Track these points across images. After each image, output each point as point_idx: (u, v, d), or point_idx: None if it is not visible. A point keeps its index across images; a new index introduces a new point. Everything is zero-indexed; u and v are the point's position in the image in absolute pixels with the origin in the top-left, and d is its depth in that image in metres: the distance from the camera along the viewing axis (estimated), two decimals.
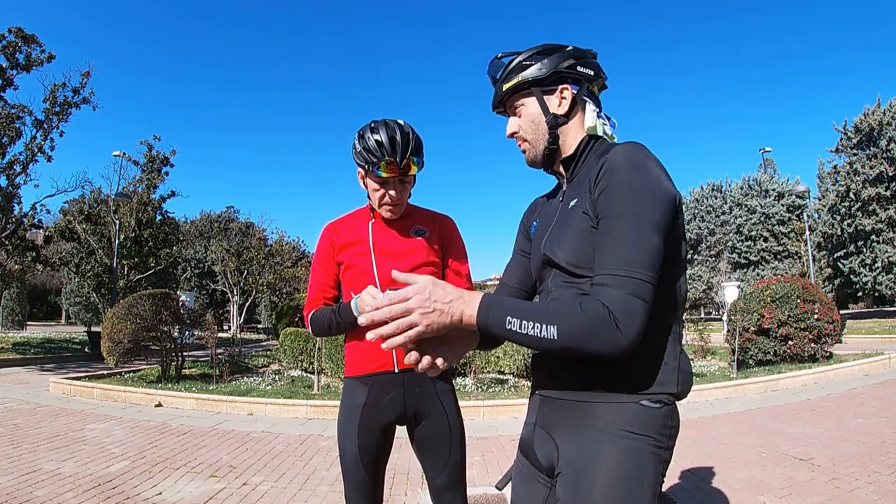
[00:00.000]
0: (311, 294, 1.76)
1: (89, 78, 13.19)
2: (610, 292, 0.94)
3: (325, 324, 1.67)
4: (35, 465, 4.06)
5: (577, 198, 1.11)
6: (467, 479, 1.78)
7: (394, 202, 1.66)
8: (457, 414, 1.73)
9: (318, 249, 1.79)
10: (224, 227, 35.57)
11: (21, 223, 13.34)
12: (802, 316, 8.14)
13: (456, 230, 1.86)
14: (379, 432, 1.64)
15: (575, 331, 0.93)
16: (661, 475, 1.03)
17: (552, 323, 0.93)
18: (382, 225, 1.74)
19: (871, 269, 21.54)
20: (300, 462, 4.26)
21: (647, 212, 0.98)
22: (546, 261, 1.15)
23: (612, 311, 0.92)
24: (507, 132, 1.24)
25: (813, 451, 4.12)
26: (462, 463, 1.72)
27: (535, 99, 1.17)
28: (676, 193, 1.04)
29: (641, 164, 1.02)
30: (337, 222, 1.80)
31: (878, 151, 21.15)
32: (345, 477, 1.68)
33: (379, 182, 1.63)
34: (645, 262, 0.95)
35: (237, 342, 14.42)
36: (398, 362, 1.64)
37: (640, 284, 0.94)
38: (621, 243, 0.97)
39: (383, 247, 1.70)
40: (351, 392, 1.68)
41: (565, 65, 1.15)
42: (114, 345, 7.96)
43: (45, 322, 38.89)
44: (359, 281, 1.67)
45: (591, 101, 1.19)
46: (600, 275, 0.97)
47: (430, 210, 1.86)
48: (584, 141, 1.17)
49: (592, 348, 0.92)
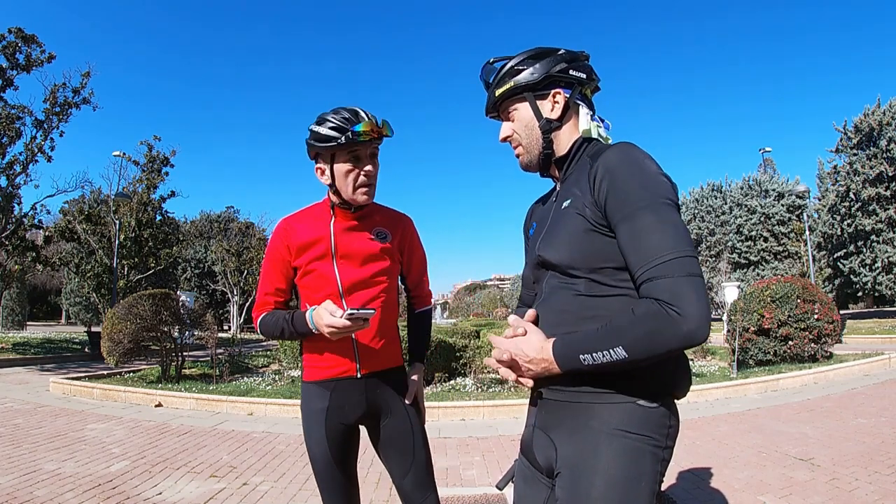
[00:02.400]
0: (261, 297, 1.67)
1: (89, 78, 13.18)
2: (654, 285, 0.93)
3: (276, 331, 1.60)
4: (35, 465, 4.06)
5: (571, 198, 1.11)
6: (467, 479, 1.78)
7: (370, 179, 1.57)
8: (417, 414, 1.70)
9: (271, 248, 1.67)
10: (224, 227, 35.53)
11: (21, 223, 13.33)
12: (802, 316, 8.14)
13: (416, 232, 1.80)
14: (346, 431, 1.62)
15: (637, 340, 0.92)
16: (660, 474, 1.03)
17: (616, 344, 0.94)
18: (344, 225, 1.63)
19: (871, 269, 21.53)
20: (300, 462, 4.26)
21: (658, 198, 0.98)
22: (540, 262, 1.16)
23: (661, 301, 0.91)
24: (500, 137, 1.24)
25: (813, 451, 4.12)
26: (428, 463, 1.67)
27: (528, 104, 1.18)
28: (675, 186, 1.05)
29: (639, 162, 1.03)
30: (292, 219, 1.67)
31: (878, 151, 21.14)
32: (320, 482, 1.63)
33: (352, 159, 1.53)
34: (678, 240, 0.95)
35: (237, 342, 14.42)
36: (361, 368, 1.60)
37: (680, 262, 0.93)
38: (646, 235, 0.97)
39: (345, 251, 1.61)
40: (311, 397, 1.62)
41: (557, 69, 1.15)
42: (114, 345, 7.96)
43: (45, 322, 38.88)
44: (319, 287, 1.60)
45: (584, 104, 1.19)
46: (640, 274, 0.97)
47: (389, 208, 1.78)
48: (578, 142, 1.18)
49: (662, 346, 0.91)
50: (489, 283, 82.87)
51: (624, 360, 0.93)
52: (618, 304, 1.02)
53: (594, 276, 1.05)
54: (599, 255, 1.04)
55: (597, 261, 1.04)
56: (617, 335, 0.94)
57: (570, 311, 1.07)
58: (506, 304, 49.70)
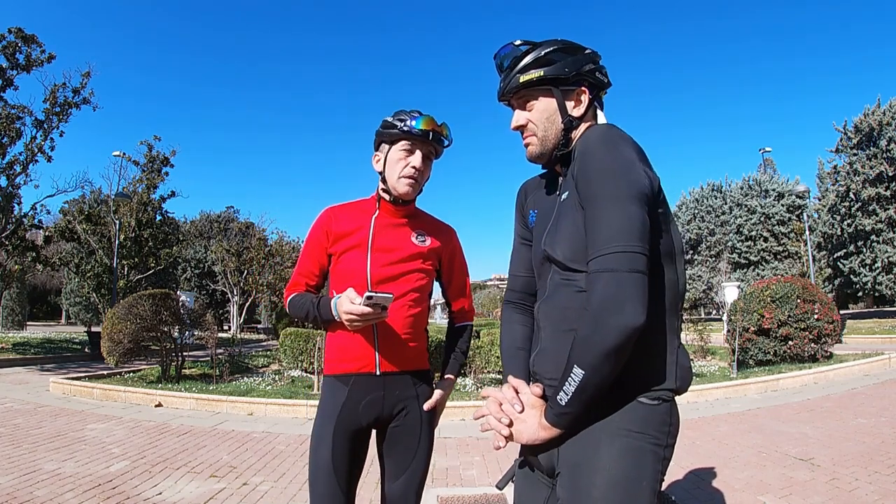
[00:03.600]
0: (295, 276, 1.69)
1: (89, 78, 13.17)
2: (600, 279, 0.93)
3: (303, 312, 1.62)
4: (35, 465, 4.06)
5: (569, 190, 1.10)
6: (467, 479, 1.77)
7: (415, 175, 1.58)
8: (430, 424, 1.67)
9: (312, 234, 1.69)
10: (224, 227, 35.54)
11: (21, 223, 13.32)
12: (802, 316, 8.14)
13: (459, 244, 1.81)
14: (355, 436, 1.58)
15: (585, 353, 0.93)
16: (661, 473, 1.02)
17: (571, 365, 0.94)
18: (386, 221, 1.65)
19: (871, 269, 21.53)
20: (300, 462, 4.26)
21: (622, 188, 0.96)
22: (546, 257, 1.14)
23: (600, 301, 0.91)
24: (513, 125, 1.19)
25: (813, 451, 4.12)
26: (422, 476, 1.65)
27: (554, 98, 1.14)
28: (653, 176, 1.02)
29: (612, 144, 1.01)
30: (337, 208, 1.69)
31: (878, 151, 21.14)
32: (313, 487, 1.56)
33: (408, 148, 1.58)
34: (631, 233, 0.93)
35: (237, 342, 14.42)
36: (380, 365, 1.59)
37: (628, 257, 0.92)
38: (604, 222, 0.95)
39: (381, 244, 1.62)
40: (330, 390, 1.61)
41: (587, 68, 1.13)
42: (114, 345, 7.96)
43: (45, 322, 38.86)
44: (349, 276, 1.61)
45: (600, 107, 1.19)
46: (590, 261, 0.96)
47: (435, 218, 1.79)
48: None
49: (610, 345, 0.91)
50: (489, 283, 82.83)
51: (588, 377, 0.93)
52: None
53: None
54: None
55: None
56: (571, 358, 0.95)
57: (573, 308, 1.06)
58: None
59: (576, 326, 1.02)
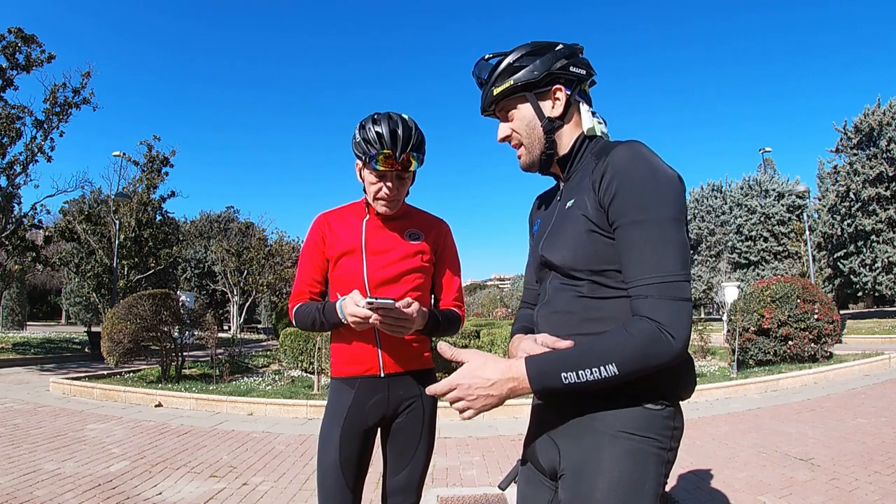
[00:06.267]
0: (297, 287, 1.71)
1: (89, 78, 13.19)
2: (652, 304, 0.94)
3: (308, 321, 1.63)
4: (35, 465, 4.06)
5: (575, 198, 1.09)
6: (467, 479, 1.77)
7: (389, 198, 1.59)
8: (431, 420, 1.69)
9: (308, 241, 1.71)
10: (224, 227, 35.51)
11: (21, 223, 13.33)
12: (802, 316, 8.14)
13: (451, 238, 1.79)
14: (361, 436, 1.61)
15: (631, 358, 0.93)
16: (664, 476, 1.02)
17: (609, 360, 0.94)
18: (377, 223, 1.67)
19: (871, 269, 21.53)
20: (300, 462, 4.26)
21: (666, 211, 0.97)
22: (543, 262, 1.14)
23: (659, 323, 0.93)
24: (499, 137, 1.19)
25: (813, 451, 4.12)
26: (423, 470, 1.67)
27: (529, 103, 1.14)
28: (680, 177, 1.02)
29: (647, 162, 1.00)
30: (330, 214, 1.71)
31: (878, 151, 21.15)
32: (321, 486, 1.60)
33: (376, 175, 1.57)
34: (677, 262, 0.96)
35: (237, 342, 14.44)
36: (384, 366, 1.62)
37: (678, 286, 0.95)
38: (650, 250, 0.96)
39: (375, 247, 1.64)
40: (337, 393, 1.65)
41: (558, 66, 1.11)
42: (114, 345, 7.96)
43: (45, 322, 38.88)
44: (347, 281, 1.62)
45: (584, 100, 1.17)
46: (636, 286, 0.97)
47: (427, 213, 1.79)
48: (580, 139, 1.15)
49: (651, 365, 0.94)
50: (489, 283, 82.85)
51: (612, 377, 0.94)
52: (621, 306, 1.00)
53: (596, 277, 1.03)
54: (601, 257, 1.02)
55: (598, 263, 1.02)
56: (610, 351, 0.94)
57: (573, 312, 1.05)
58: (506, 304, 49.70)
59: (576, 331, 1.02)
